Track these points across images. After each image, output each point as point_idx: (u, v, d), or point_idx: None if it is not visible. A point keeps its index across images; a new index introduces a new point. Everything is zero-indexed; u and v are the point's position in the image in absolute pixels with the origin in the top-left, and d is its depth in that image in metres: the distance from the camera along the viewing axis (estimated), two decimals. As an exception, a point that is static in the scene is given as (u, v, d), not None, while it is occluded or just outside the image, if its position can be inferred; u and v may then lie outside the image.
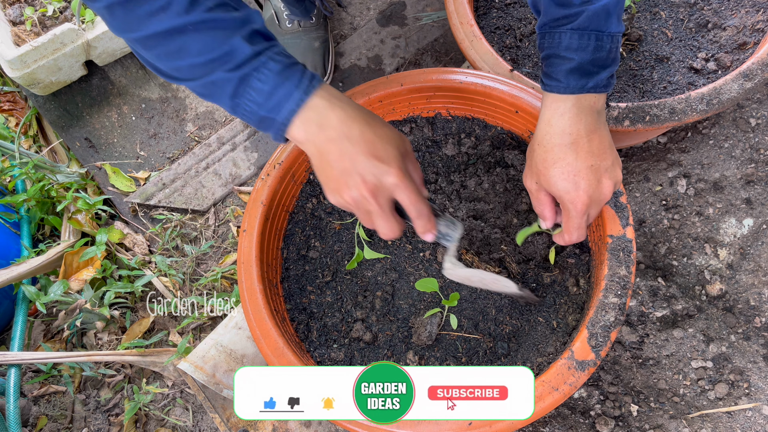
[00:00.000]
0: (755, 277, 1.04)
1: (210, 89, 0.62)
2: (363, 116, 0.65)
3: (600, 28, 0.69)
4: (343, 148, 0.63)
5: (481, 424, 0.70)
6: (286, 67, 0.62)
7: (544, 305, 0.87)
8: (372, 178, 0.63)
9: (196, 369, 0.95)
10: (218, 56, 0.59)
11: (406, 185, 0.65)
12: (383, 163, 0.63)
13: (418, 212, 0.67)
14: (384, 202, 0.65)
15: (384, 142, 0.64)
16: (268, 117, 0.62)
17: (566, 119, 0.71)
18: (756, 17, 1.07)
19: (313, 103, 0.62)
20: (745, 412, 0.92)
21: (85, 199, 1.23)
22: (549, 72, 0.72)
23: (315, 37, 1.27)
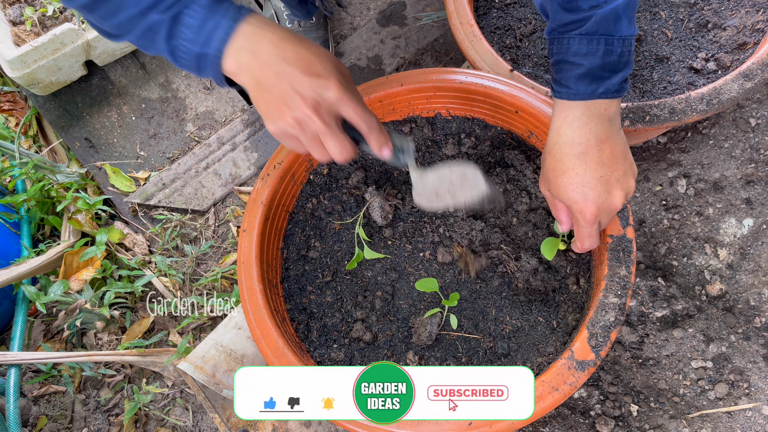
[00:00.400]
0: (755, 277, 1.04)
1: (149, 37, 0.61)
2: (295, 37, 0.63)
3: (609, 31, 0.67)
4: (279, 70, 0.61)
5: (481, 424, 0.70)
6: (215, 1, 0.61)
7: (546, 301, 0.87)
8: (312, 93, 0.61)
9: (196, 369, 0.95)
10: (152, 3, 0.59)
11: (349, 97, 0.63)
12: (322, 78, 0.61)
13: (369, 124, 0.65)
14: (329, 118, 0.63)
15: (320, 58, 0.62)
16: (201, 53, 0.61)
17: (575, 128, 0.70)
18: (756, 17, 1.07)
19: (242, 29, 0.61)
20: (745, 412, 0.92)
21: (85, 199, 1.23)
22: (558, 78, 0.70)
23: (315, 37, 1.27)
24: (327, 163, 0.65)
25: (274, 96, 0.62)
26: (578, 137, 0.69)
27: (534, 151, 0.98)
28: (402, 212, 0.97)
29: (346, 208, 0.98)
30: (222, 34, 0.60)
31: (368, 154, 0.67)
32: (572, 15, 0.68)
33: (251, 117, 1.32)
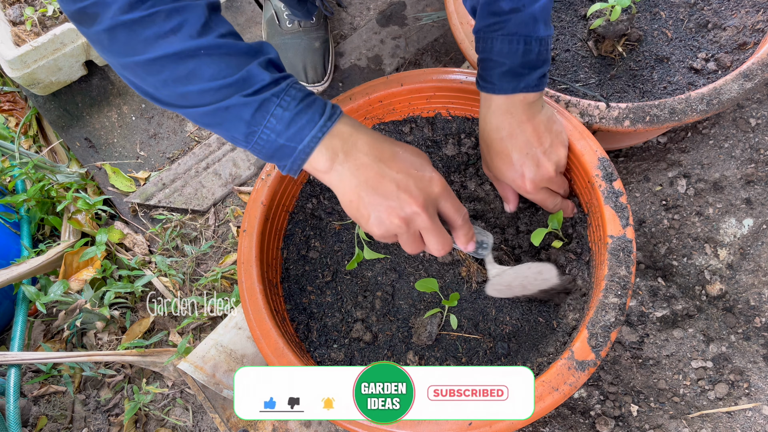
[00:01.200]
0: (755, 277, 1.04)
1: (222, 117, 0.58)
2: (387, 138, 0.65)
3: (528, 33, 0.74)
4: (380, 171, 0.61)
5: (481, 424, 0.70)
6: (307, 95, 0.60)
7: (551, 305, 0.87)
8: (419, 191, 0.61)
9: (196, 369, 0.95)
10: (234, 81, 0.56)
11: (450, 192, 0.65)
12: (426, 174, 0.63)
13: (464, 219, 0.67)
14: (434, 214, 0.64)
15: (414, 156, 0.64)
16: (287, 145, 0.59)
17: (498, 115, 0.77)
18: (756, 17, 1.07)
19: (337, 129, 0.60)
20: (745, 412, 0.92)
21: (85, 199, 1.23)
22: (484, 75, 0.77)
23: (315, 38, 1.27)
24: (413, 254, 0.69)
25: (378, 197, 0.61)
26: (502, 123, 0.77)
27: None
28: None
29: (346, 208, 0.98)
30: (316, 132, 0.59)
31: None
32: (495, 17, 0.74)
33: (251, 117, 1.32)
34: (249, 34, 1.40)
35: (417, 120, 1.01)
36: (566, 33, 1.14)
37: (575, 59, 1.11)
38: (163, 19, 0.53)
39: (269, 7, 1.32)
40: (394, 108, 0.99)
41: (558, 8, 1.17)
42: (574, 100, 0.98)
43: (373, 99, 0.97)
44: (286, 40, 1.26)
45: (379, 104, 0.98)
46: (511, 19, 0.73)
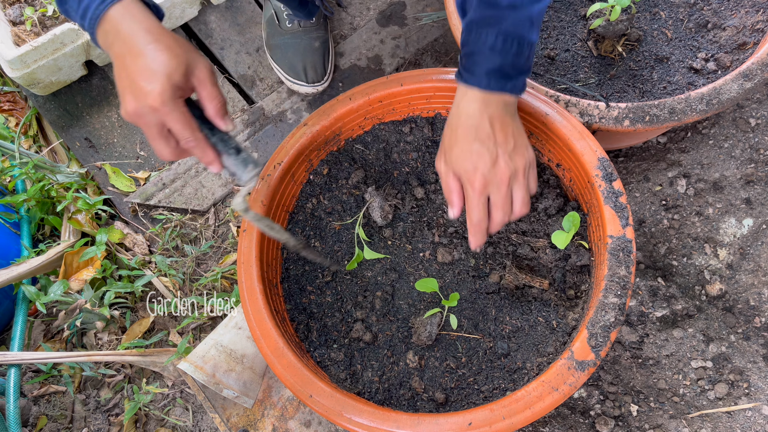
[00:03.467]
0: (755, 277, 1.04)
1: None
2: (151, 35, 0.67)
3: (523, 35, 0.74)
4: (124, 63, 0.66)
5: (480, 424, 0.70)
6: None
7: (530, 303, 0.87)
8: (135, 100, 0.65)
9: (196, 369, 0.95)
10: None
11: (167, 112, 0.66)
12: (146, 87, 0.65)
13: (184, 142, 0.69)
14: (149, 124, 0.66)
15: (157, 64, 0.65)
16: (82, 23, 0.67)
17: (474, 106, 0.76)
18: (756, 17, 1.07)
19: (110, 14, 0.65)
20: (745, 412, 0.92)
21: (85, 199, 1.23)
22: (470, 67, 0.76)
23: (315, 37, 1.27)
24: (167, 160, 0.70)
25: (119, 86, 0.67)
26: (474, 113, 0.76)
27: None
28: (402, 212, 0.97)
29: (346, 208, 0.98)
30: (92, 13, 0.66)
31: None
32: (492, 10, 0.73)
33: (251, 117, 1.32)
34: (249, 34, 1.41)
35: (417, 120, 1.01)
36: (566, 33, 1.14)
37: (575, 59, 1.11)
38: None
39: (269, 7, 1.32)
40: (394, 108, 0.99)
41: (558, 8, 1.17)
42: (574, 99, 0.98)
43: (373, 99, 0.97)
44: (286, 40, 1.26)
45: (379, 104, 0.98)
46: (508, 16, 0.73)
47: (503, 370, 0.84)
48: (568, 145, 0.89)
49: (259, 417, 1.00)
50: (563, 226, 0.88)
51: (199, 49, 1.41)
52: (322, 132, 0.96)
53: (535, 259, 0.90)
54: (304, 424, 0.98)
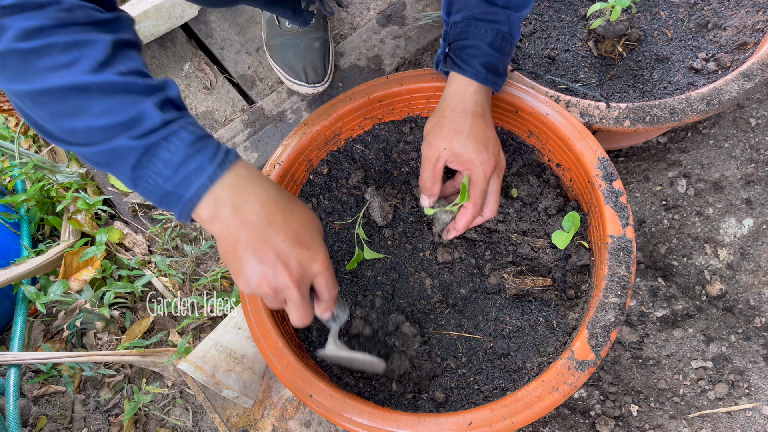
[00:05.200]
0: (755, 277, 1.04)
1: (108, 158, 0.54)
2: (284, 199, 0.61)
3: (515, 36, 0.79)
4: (264, 234, 0.57)
5: (481, 423, 0.70)
6: (199, 138, 0.56)
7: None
8: (298, 267, 0.59)
9: (195, 369, 0.95)
10: (123, 121, 0.52)
11: (328, 271, 0.62)
12: (310, 252, 0.60)
13: (331, 296, 0.65)
14: (306, 290, 0.62)
15: (308, 226, 0.61)
16: (173, 192, 0.55)
17: (479, 95, 0.80)
18: (756, 17, 1.07)
19: (227, 179, 0.56)
20: (745, 412, 0.92)
21: (84, 199, 1.23)
22: (466, 60, 0.79)
23: (315, 38, 1.27)
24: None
25: (254, 259, 0.58)
26: (481, 101, 0.80)
27: (528, 148, 0.98)
28: (402, 212, 0.97)
29: (346, 208, 0.98)
30: (204, 180, 0.55)
31: None
32: (489, 7, 0.77)
33: (251, 117, 1.32)
34: (249, 34, 1.41)
35: (417, 120, 1.01)
36: (566, 33, 1.14)
37: (575, 59, 1.11)
38: (59, 51, 0.50)
39: (267, 13, 1.31)
40: (394, 108, 0.99)
41: (558, 8, 1.17)
42: (575, 100, 0.98)
43: (373, 99, 0.97)
44: (285, 41, 1.26)
45: (379, 104, 0.98)
46: (507, 18, 0.77)
47: (503, 369, 0.83)
48: (568, 145, 0.89)
49: (259, 417, 1.00)
50: (563, 226, 0.88)
51: (199, 48, 1.41)
52: (322, 132, 0.96)
53: (536, 259, 0.90)
54: (304, 424, 0.98)
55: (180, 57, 1.40)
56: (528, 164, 0.98)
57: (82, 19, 0.53)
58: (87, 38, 0.52)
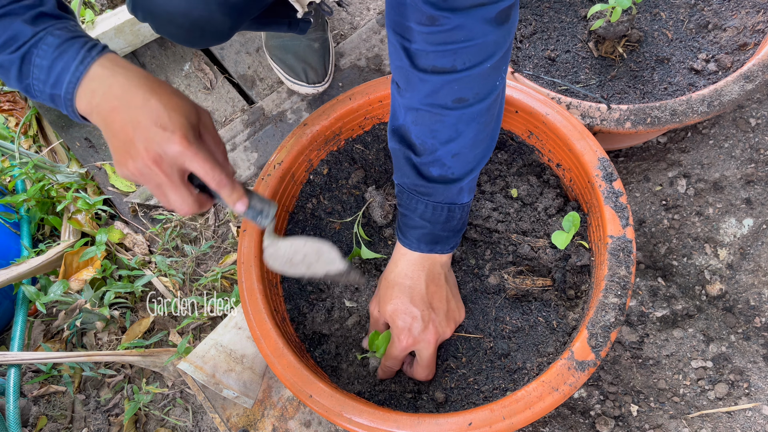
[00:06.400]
0: (755, 277, 1.04)
1: (2, 74, 0.62)
2: (149, 84, 0.62)
3: (453, 201, 0.75)
4: (125, 117, 0.60)
5: (481, 424, 0.70)
6: (65, 41, 0.60)
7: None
8: (154, 146, 0.60)
9: (195, 369, 0.95)
10: (2, 42, 0.60)
11: (195, 153, 0.61)
12: (167, 131, 0.60)
13: (218, 180, 0.64)
14: (171, 171, 0.61)
15: (170, 109, 0.61)
16: (53, 94, 0.61)
17: (410, 265, 0.79)
18: (756, 18, 1.07)
19: (93, 72, 0.60)
20: (745, 412, 0.92)
21: (85, 199, 1.23)
22: (403, 230, 0.79)
23: (315, 38, 1.27)
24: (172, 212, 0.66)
25: (119, 142, 0.61)
26: (411, 272, 0.79)
27: (528, 148, 0.98)
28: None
29: (346, 208, 0.98)
30: (70, 77, 0.60)
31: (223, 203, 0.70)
32: (422, 180, 0.74)
33: (251, 117, 1.32)
34: (249, 34, 1.41)
35: (417, 120, 1.01)
36: (567, 34, 1.14)
37: (576, 60, 1.11)
38: None
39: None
40: (394, 108, 0.99)
41: (558, 9, 1.17)
42: (575, 101, 0.98)
43: (373, 99, 0.97)
44: (285, 42, 1.26)
45: (379, 104, 0.98)
46: (438, 191, 0.74)
47: (503, 370, 0.84)
48: (568, 145, 0.89)
49: (259, 417, 1.00)
50: (563, 226, 0.88)
51: (198, 49, 1.41)
52: (322, 132, 0.96)
53: (536, 259, 0.90)
54: (304, 424, 0.98)
55: (180, 57, 1.40)
56: (528, 164, 0.98)
57: None
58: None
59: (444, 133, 0.70)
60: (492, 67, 0.65)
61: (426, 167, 0.73)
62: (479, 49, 0.63)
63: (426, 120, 0.69)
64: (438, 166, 0.72)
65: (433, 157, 0.72)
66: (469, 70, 0.64)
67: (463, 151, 0.71)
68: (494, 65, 0.65)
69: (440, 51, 0.63)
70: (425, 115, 0.69)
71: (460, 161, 0.72)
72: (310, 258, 0.78)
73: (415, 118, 0.70)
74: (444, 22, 0.60)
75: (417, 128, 0.71)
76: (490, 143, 0.75)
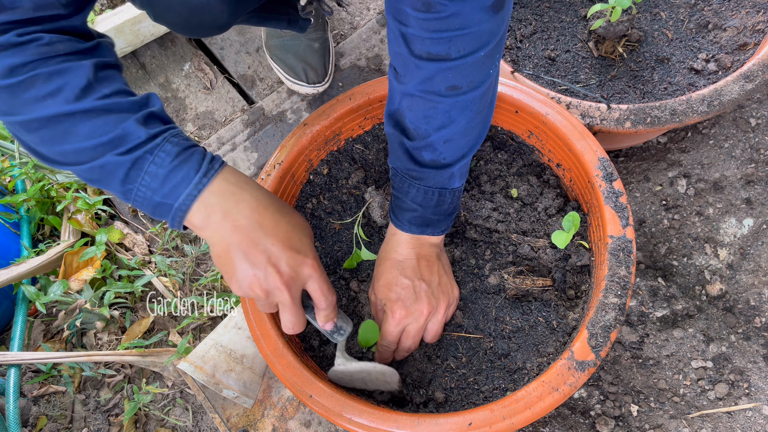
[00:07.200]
0: (755, 277, 1.04)
1: (99, 174, 0.57)
2: (274, 204, 0.62)
3: (444, 185, 0.76)
4: (255, 238, 0.59)
5: (480, 424, 0.70)
6: (184, 149, 0.58)
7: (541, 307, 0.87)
8: (289, 270, 0.60)
9: (195, 369, 0.95)
10: (109, 140, 0.55)
11: (320, 276, 0.64)
12: (300, 255, 0.61)
13: (328, 303, 0.67)
14: (297, 294, 0.63)
15: (298, 231, 0.63)
16: (163, 203, 0.58)
17: (401, 244, 0.80)
18: (756, 18, 1.07)
19: (215, 186, 0.59)
20: (745, 412, 0.92)
21: (84, 199, 1.23)
22: (396, 212, 0.80)
23: (315, 38, 1.27)
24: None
25: (245, 263, 0.60)
26: (402, 250, 0.80)
27: (528, 148, 0.98)
28: None
29: (346, 208, 0.98)
30: (191, 190, 0.58)
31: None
32: (415, 166, 0.75)
33: (251, 117, 1.32)
34: (249, 34, 1.41)
35: (417, 120, 1.01)
36: (567, 34, 1.14)
37: (576, 60, 1.11)
38: (42, 82, 0.53)
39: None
40: (394, 108, 0.99)
41: (558, 9, 1.17)
42: (575, 101, 0.98)
43: (373, 99, 0.97)
44: (285, 42, 1.26)
45: (379, 104, 0.98)
46: (429, 175, 0.75)
47: (503, 370, 0.84)
48: (568, 145, 0.89)
49: (259, 417, 1.00)
50: (563, 226, 0.88)
51: (199, 48, 1.41)
52: (322, 132, 0.96)
53: (536, 259, 0.90)
54: (304, 424, 0.98)
55: (180, 57, 1.40)
56: (528, 164, 0.98)
57: (64, 51, 0.55)
58: (68, 66, 0.55)
59: (437, 119, 0.70)
60: (486, 55, 0.65)
61: (418, 152, 0.74)
62: (474, 37, 0.63)
63: (420, 106, 0.70)
64: (430, 151, 0.73)
65: (426, 142, 0.72)
66: (464, 59, 0.64)
67: (455, 137, 0.72)
68: (488, 53, 0.65)
69: (435, 38, 0.63)
70: (419, 101, 0.69)
71: (452, 147, 0.73)
72: (372, 380, 0.81)
73: (410, 103, 0.71)
74: (440, 9, 0.60)
75: (411, 114, 0.71)
76: (482, 130, 0.75)
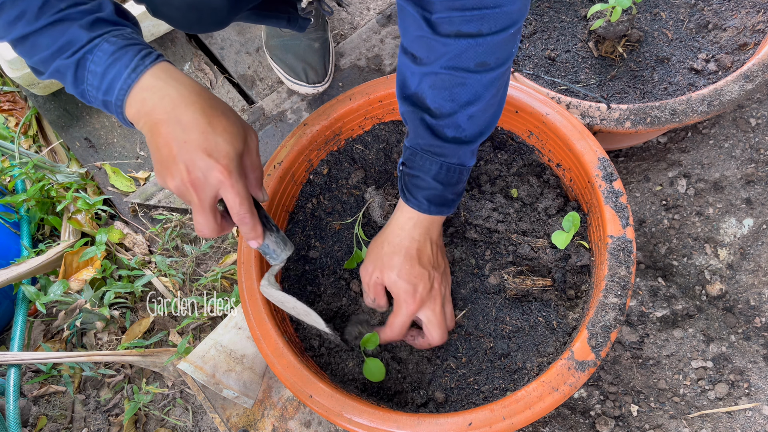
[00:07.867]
0: (755, 277, 1.04)
1: (57, 77, 0.63)
2: (201, 102, 0.62)
3: (464, 162, 0.77)
4: (172, 133, 0.60)
5: (480, 424, 0.70)
6: (120, 48, 0.61)
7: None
8: (196, 171, 0.61)
9: (195, 369, 0.95)
10: (58, 47, 0.61)
11: (232, 185, 0.62)
12: (211, 158, 0.60)
13: (240, 217, 0.66)
14: (205, 197, 0.62)
15: (218, 134, 0.61)
16: (105, 100, 0.62)
17: (418, 230, 0.80)
18: (756, 18, 1.07)
19: (145, 82, 0.61)
20: (745, 412, 0.92)
21: (85, 199, 1.23)
22: (411, 190, 0.79)
23: (315, 38, 1.27)
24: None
25: (161, 156, 0.62)
26: (418, 236, 0.80)
27: (528, 148, 0.98)
28: None
29: (346, 208, 0.98)
30: (122, 84, 0.60)
31: None
32: (437, 140, 0.74)
33: (251, 117, 1.32)
34: (249, 34, 1.41)
35: (417, 120, 1.01)
36: (567, 34, 1.14)
37: (576, 60, 1.11)
38: (9, 6, 0.59)
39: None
40: (394, 108, 0.99)
41: (558, 9, 1.17)
42: (575, 101, 0.98)
43: (373, 99, 0.97)
44: (285, 42, 1.26)
45: (379, 104, 0.98)
46: (453, 151, 0.75)
47: (503, 370, 0.83)
48: (568, 145, 0.89)
49: (259, 417, 1.00)
50: (563, 226, 0.88)
51: (199, 48, 1.41)
52: (322, 132, 0.96)
53: (536, 259, 0.90)
54: (304, 424, 0.98)
55: (180, 57, 1.40)
56: (528, 164, 0.98)
57: None
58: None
59: (464, 95, 0.71)
60: (514, 33, 0.67)
61: (441, 128, 0.74)
62: (506, 15, 0.65)
63: (446, 83, 0.70)
64: (453, 127, 0.74)
65: (451, 120, 0.73)
66: (495, 35, 0.65)
67: (478, 113, 0.73)
68: (516, 31, 0.68)
69: (468, 16, 0.64)
70: (446, 77, 0.70)
71: (474, 123, 0.74)
72: (299, 312, 0.81)
73: (433, 81, 0.71)
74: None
75: (434, 92, 0.72)
76: (498, 109, 0.77)
